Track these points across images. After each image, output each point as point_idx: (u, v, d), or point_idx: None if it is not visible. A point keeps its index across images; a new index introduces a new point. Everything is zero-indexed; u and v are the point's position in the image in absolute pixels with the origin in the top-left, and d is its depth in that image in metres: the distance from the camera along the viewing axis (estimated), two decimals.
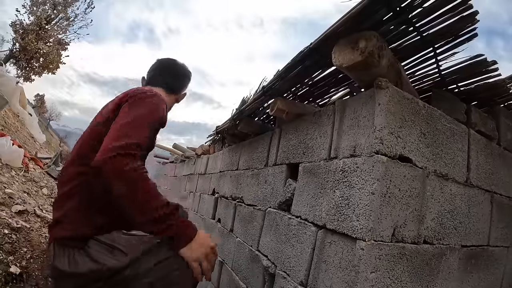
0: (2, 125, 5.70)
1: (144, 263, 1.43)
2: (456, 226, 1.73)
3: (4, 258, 2.00)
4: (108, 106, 1.67)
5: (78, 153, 1.60)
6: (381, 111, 1.43)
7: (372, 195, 1.36)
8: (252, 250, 2.41)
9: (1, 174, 3.32)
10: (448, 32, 1.47)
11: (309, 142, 1.99)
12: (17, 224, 2.36)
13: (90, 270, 1.41)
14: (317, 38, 1.59)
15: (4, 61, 15.17)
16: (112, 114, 1.55)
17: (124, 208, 1.35)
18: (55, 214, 1.56)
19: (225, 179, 3.54)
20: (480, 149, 1.91)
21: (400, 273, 1.43)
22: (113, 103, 1.63)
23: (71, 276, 1.44)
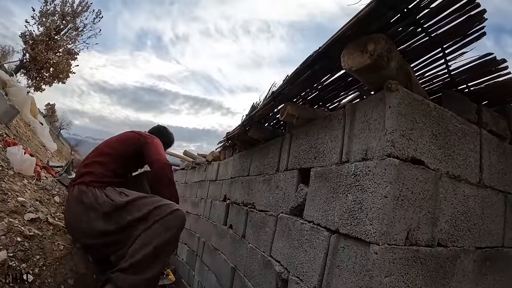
0: (14, 135, 5.75)
1: (138, 204, 2.47)
2: (470, 228, 1.71)
3: (17, 266, 2.01)
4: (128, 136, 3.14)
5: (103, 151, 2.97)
6: (392, 113, 1.42)
7: (385, 198, 1.35)
8: (265, 256, 2.40)
9: (13, 183, 3.35)
10: (456, 31, 1.46)
11: (320, 147, 1.98)
12: (30, 232, 2.38)
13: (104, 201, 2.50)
14: (325, 42, 1.59)
15: (15, 72, 15.39)
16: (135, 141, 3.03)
17: (161, 186, 2.82)
18: (85, 169, 2.77)
19: (236, 185, 3.54)
20: (492, 149, 1.89)
21: (415, 277, 1.41)
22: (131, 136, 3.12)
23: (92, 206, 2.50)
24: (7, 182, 3.27)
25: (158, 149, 2.92)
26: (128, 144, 2.96)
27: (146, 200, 2.48)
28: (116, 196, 2.54)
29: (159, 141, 3.06)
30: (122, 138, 3.06)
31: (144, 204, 2.43)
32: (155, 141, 3.00)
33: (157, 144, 2.98)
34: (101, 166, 2.79)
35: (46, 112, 32.25)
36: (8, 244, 2.15)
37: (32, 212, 2.81)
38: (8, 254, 2.06)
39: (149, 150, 2.88)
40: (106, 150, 2.93)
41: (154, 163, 2.78)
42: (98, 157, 2.88)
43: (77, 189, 2.62)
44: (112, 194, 2.55)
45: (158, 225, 2.30)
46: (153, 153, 2.85)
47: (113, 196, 2.54)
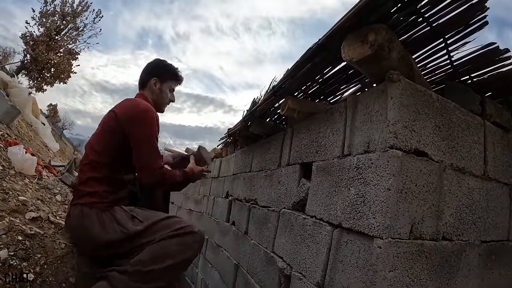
0: (16, 135, 5.75)
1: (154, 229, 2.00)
2: (475, 221, 1.69)
3: (18, 265, 2.00)
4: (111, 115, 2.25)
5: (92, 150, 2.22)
6: (394, 104, 1.40)
7: (388, 191, 1.33)
8: (267, 252, 2.39)
9: (14, 182, 3.34)
10: (458, 21, 1.43)
11: (321, 141, 1.96)
12: (31, 231, 2.37)
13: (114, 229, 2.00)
14: (325, 34, 1.56)
15: (16, 73, 15.41)
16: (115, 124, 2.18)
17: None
18: (83, 188, 2.12)
19: (238, 182, 3.52)
20: (496, 141, 1.86)
21: (419, 271, 1.39)
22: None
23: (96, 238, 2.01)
24: (8, 182, 3.27)
25: (148, 141, 2.11)
26: (112, 141, 2.15)
27: (163, 223, 2.02)
28: (129, 222, 2.04)
29: (150, 113, 2.17)
30: (103, 130, 2.23)
31: (160, 229, 1.99)
32: (142, 122, 2.13)
33: (146, 125, 2.13)
34: (99, 183, 2.12)
35: (48, 113, 32.33)
36: (9, 243, 2.14)
37: (33, 211, 2.80)
38: (9, 253, 2.05)
39: (134, 145, 2.12)
40: (95, 158, 2.18)
41: (141, 171, 2.14)
42: (92, 172, 2.15)
43: (79, 211, 2.06)
44: (122, 219, 2.04)
45: (175, 242, 1.94)
46: (140, 152, 2.12)
47: (124, 221, 2.03)
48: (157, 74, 2.47)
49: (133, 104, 2.22)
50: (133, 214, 2.09)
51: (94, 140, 2.25)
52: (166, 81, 2.50)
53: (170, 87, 2.54)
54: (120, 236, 1.98)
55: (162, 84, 2.47)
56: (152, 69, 2.51)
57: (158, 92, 2.46)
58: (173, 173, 2.24)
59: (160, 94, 2.47)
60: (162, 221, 2.03)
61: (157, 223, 2.02)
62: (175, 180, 2.26)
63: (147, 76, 2.47)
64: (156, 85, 2.45)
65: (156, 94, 2.46)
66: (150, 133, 2.13)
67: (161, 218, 2.05)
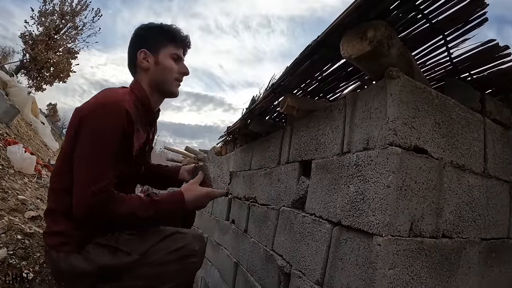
0: (15, 134, 5.75)
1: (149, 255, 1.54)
2: (475, 218, 1.68)
3: (17, 263, 2.00)
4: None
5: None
6: (394, 101, 1.39)
7: (388, 188, 1.32)
8: (267, 250, 2.38)
9: (14, 181, 3.35)
10: (457, 18, 1.43)
11: (321, 138, 1.95)
12: (30, 230, 2.37)
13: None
14: (324, 31, 1.55)
15: (15, 72, 15.42)
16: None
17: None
18: (48, 223, 1.66)
19: (238, 180, 3.52)
20: (496, 138, 1.86)
21: (419, 269, 1.39)
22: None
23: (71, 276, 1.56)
24: (8, 181, 3.27)
25: (89, 151, 1.46)
26: (69, 158, 1.51)
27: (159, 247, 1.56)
28: (106, 257, 1.53)
29: (109, 107, 1.48)
30: (63, 145, 1.66)
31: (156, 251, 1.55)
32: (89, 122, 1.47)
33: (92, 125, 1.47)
34: (64, 218, 1.54)
35: (47, 112, 32.35)
36: (9, 242, 2.15)
37: (32, 210, 2.81)
38: (9, 252, 2.06)
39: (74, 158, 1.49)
40: (54, 183, 1.66)
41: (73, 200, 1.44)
42: (55, 202, 1.61)
43: (48, 256, 1.62)
44: (97, 256, 1.53)
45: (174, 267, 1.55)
46: (76, 170, 1.46)
47: (99, 258, 1.52)
48: (144, 43, 1.74)
49: (92, 99, 1.58)
50: (116, 246, 1.55)
51: (59, 155, 1.71)
52: (161, 48, 1.74)
53: (171, 54, 1.76)
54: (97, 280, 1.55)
55: (156, 54, 1.73)
56: (136, 39, 1.78)
57: (154, 69, 1.73)
58: (134, 201, 1.51)
59: (159, 69, 1.73)
60: (160, 243, 1.56)
61: (152, 248, 1.55)
62: (139, 212, 1.50)
63: (133, 52, 1.76)
64: (148, 59, 1.73)
65: (153, 73, 1.74)
66: (94, 139, 1.45)
67: (159, 239, 1.57)
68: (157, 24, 1.79)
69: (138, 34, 1.77)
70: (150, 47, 1.72)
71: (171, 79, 1.76)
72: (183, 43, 1.83)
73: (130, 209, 1.48)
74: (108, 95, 1.57)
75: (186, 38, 1.84)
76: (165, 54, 1.74)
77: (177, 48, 1.79)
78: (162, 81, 1.75)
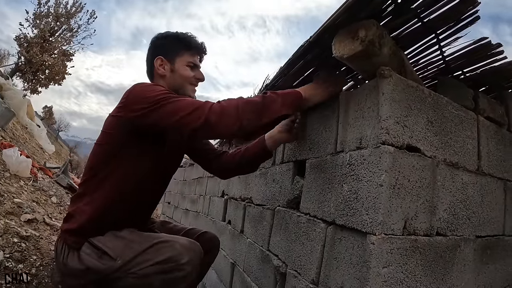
0: (10, 137, 5.74)
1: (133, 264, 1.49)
2: (470, 216, 1.69)
3: (14, 267, 2.00)
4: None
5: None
6: (386, 100, 1.39)
7: (381, 187, 1.32)
8: (263, 250, 2.38)
9: (9, 184, 3.34)
10: (449, 16, 1.43)
11: (314, 137, 1.95)
12: (26, 233, 2.37)
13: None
14: (316, 31, 1.56)
15: (10, 75, 15.38)
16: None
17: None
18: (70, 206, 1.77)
19: (233, 180, 3.51)
20: (490, 136, 1.87)
21: (414, 267, 1.39)
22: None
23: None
24: (4, 184, 3.27)
25: (165, 101, 1.52)
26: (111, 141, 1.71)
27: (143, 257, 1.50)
28: (93, 259, 1.56)
29: (154, 85, 1.71)
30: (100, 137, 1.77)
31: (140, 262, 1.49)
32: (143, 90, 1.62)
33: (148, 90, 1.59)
34: (81, 199, 1.69)
35: (43, 115, 32.30)
36: (5, 245, 2.14)
37: (28, 213, 2.80)
38: (5, 255, 2.06)
39: (148, 120, 1.55)
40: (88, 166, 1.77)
41: (184, 128, 1.49)
42: (82, 185, 1.77)
43: (55, 244, 1.74)
44: (87, 255, 1.58)
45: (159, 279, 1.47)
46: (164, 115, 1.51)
47: (88, 258, 1.57)
48: (161, 51, 1.82)
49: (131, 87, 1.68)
50: (104, 250, 1.56)
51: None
52: (177, 56, 1.82)
53: (186, 61, 1.82)
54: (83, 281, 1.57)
55: (172, 61, 1.81)
56: (153, 48, 1.86)
57: (170, 75, 1.82)
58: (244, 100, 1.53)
59: (175, 76, 1.81)
60: (143, 253, 1.51)
61: (136, 258, 1.50)
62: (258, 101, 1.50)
63: (150, 59, 1.85)
64: (164, 66, 1.81)
65: (170, 79, 1.82)
66: (154, 94, 1.53)
67: (143, 249, 1.51)
68: (173, 32, 1.86)
69: (155, 43, 1.86)
70: (166, 55, 1.81)
71: (186, 85, 1.84)
72: (198, 51, 1.89)
73: (241, 99, 1.55)
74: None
75: (201, 46, 1.90)
76: (181, 61, 1.82)
77: (193, 56, 1.85)
78: (179, 87, 1.81)
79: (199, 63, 1.90)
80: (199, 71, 1.89)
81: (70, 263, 1.59)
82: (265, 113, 1.49)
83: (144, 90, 1.59)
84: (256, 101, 1.49)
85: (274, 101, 1.51)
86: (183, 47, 1.83)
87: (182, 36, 1.84)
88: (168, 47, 1.83)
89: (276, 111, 1.51)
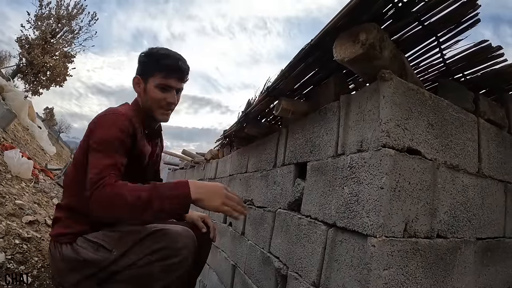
0: (12, 139, 5.75)
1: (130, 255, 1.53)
2: (470, 218, 1.69)
3: (15, 268, 2.00)
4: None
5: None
6: (386, 103, 1.40)
7: (381, 189, 1.33)
8: (264, 252, 2.39)
9: (11, 186, 3.34)
10: (449, 19, 1.44)
11: (315, 140, 1.96)
12: (28, 234, 2.37)
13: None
14: (317, 34, 1.57)
15: (12, 76, 15.40)
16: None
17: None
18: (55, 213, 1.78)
19: (234, 183, 3.52)
20: (490, 138, 1.87)
21: (414, 269, 1.39)
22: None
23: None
24: (5, 186, 3.26)
25: (96, 147, 1.53)
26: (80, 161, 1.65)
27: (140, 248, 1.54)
28: (90, 252, 1.59)
29: (109, 116, 1.63)
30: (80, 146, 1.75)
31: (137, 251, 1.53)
32: (96, 126, 1.61)
33: (98, 128, 1.60)
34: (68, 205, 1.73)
35: (44, 116, 32.31)
36: (6, 246, 2.14)
37: (30, 214, 2.80)
38: (6, 257, 2.05)
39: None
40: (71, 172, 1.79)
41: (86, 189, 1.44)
42: (66, 191, 1.85)
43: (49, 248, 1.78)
44: (83, 249, 1.60)
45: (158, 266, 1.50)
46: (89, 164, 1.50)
47: (84, 251, 1.59)
48: (140, 69, 1.79)
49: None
50: (100, 243, 1.58)
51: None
52: (150, 77, 1.74)
53: (157, 83, 1.72)
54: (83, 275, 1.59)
55: (146, 81, 1.76)
56: (137, 64, 1.82)
57: (143, 96, 1.78)
58: (136, 186, 1.43)
59: (147, 97, 1.76)
60: (139, 243, 1.54)
61: (132, 248, 1.54)
62: (135, 196, 1.38)
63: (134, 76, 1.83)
64: (140, 85, 1.78)
65: (143, 99, 1.79)
66: (99, 137, 1.55)
67: (139, 238, 1.54)
68: (154, 50, 1.77)
69: (139, 59, 1.80)
70: (142, 74, 1.77)
71: (155, 108, 1.77)
72: (173, 72, 1.75)
73: (130, 191, 1.39)
74: (111, 109, 1.69)
75: (178, 67, 1.76)
76: (152, 83, 1.73)
77: (165, 78, 1.73)
78: (148, 108, 1.78)
79: (175, 84, 1.77)
80: (172, 94, 1.77)
81: (66, 255, 1.61)
82: (146, 213, 1.39)
83: (100, 127, 1.59)
84: (142, 200, 1.38)
85: (159, 204, 1.39)
86: (157, 68, 1.72)
87: (159, 55, 1.74)
88: (144, 67, 1.77)
89: (158, 213, 1.42)
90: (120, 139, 1.56)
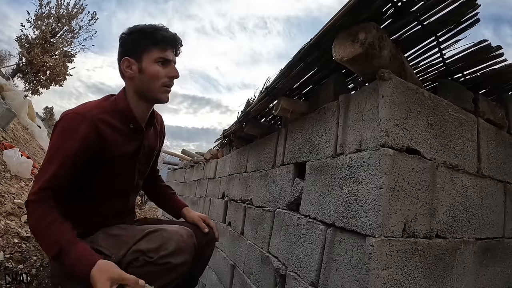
0: (11, 138, 5.75)
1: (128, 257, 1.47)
2: (469, 218, 1.69)
3: (14, 267, 2.00)
4: None
5: None
6: (385, 103, 1.40)
7: (380, 189, 1.33)
8: (263, 252, 2.39)
9: (10, 185, 3.35)
10: (449, 19, 1.43)
11: (314, 140, 1.96)
12: (27, 233, 2.38)
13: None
14: (316, 34, 1.56)
15: (12, 76, 15.37)
16: None
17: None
18: None
19: (234, 182, 3.52)
20: (490, 138, 1.87)
21: (413, 269, 1.39)
22: None
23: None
24: (4, 185, 3.27)
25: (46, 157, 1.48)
26: None
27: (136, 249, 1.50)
28: None
29: (65, 121, 1.47)
30: None
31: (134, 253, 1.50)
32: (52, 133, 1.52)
33: (52, 136, 1.51)
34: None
35: (44, 116, 32.24)
36: (5, 245, 2.15)
37: None
38: (5, 256, 2.06)
39: None
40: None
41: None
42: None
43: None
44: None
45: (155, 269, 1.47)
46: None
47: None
48: (127, 50, 1.59)
49: None
50: (99, 249, 1.51)
51: None
52: (144, 54, 1.56)
53: (155, 58, 1.56)
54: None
55: (139, 60, 1.56)
56: (120, 46, 1.62)
57: (138, 77, 1.58)
58: (49, 218, 1.37)
59: (143, 77, 1.58)
60: (136, 245, 1.50)
61: (130, 251, 1.49)
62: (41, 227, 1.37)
63: (119, 60, 1.62)
64: (132, 67, 1.58)
65: (138, 81, 1.60)
66: (51, 146, 1.49)
67: (135, 242, 1.51)
68: (139, 27, 1.60)
69: (121, 41, 1.61)
70: (133, 54, 1.57)
71: (157, 86, 1.59)
72: (169, 43, 1.61)
73: (37, 220, 1.38)
74: (75, 108, 1.54)
75: (172, 38, 1.61)
76: (149, 59, 1.56)
77: (163, 51, 1.58)
78: (147, 89, 1.60)
79: (172, 57, 1.62)
80: (172, 66, 1.62)
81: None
82: (41, 244, 1.45)
83: (55, 131, 1.50)
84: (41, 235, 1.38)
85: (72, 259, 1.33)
86: (150, 42, 1.56)
87: (149, 29, 1.57)
88: (134, 45, 1.58)
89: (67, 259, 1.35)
90: (73, 148, 1.44)
